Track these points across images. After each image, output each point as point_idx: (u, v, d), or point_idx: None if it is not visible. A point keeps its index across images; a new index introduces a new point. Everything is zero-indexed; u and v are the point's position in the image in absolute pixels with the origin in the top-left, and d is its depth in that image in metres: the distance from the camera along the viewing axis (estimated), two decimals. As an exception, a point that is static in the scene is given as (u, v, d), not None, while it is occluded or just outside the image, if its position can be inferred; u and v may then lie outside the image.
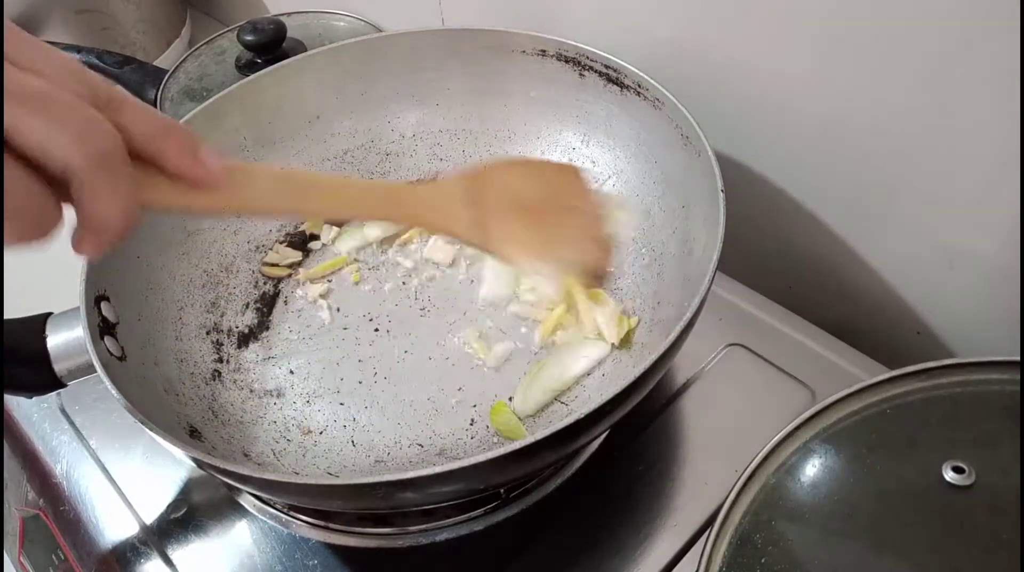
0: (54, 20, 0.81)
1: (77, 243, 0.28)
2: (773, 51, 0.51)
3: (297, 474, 0.48)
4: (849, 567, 0.35)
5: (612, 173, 0.59)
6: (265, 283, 0.59)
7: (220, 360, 0.54)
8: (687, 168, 0.51)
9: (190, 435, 0.47)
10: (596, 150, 0.60)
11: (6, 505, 0.56)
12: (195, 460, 0.38)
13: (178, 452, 0.38)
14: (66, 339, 0.45)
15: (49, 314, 0.46)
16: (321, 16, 0.79)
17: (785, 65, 0.51)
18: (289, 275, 0.60)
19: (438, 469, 0.35)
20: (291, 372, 0.54)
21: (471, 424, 0.50)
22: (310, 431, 0.50)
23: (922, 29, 0.44)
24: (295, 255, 0.61)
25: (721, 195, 0.45)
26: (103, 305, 0.47)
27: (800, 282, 0.61)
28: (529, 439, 0.36)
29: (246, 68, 0.72)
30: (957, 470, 0.35)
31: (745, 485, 0.37)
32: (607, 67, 0.56)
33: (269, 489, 0.41)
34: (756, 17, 0.51)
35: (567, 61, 0.58)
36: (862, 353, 0.52)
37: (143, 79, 0.76)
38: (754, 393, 0.51)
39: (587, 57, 0.56)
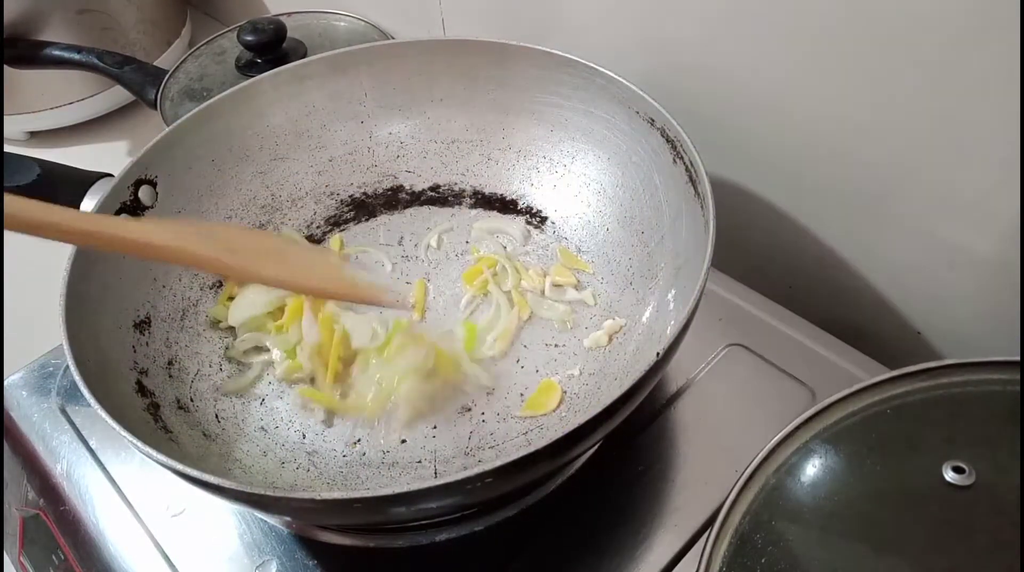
0: (54, 20, 0.81)
1: None
2: (772, 52, 0.51)
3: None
4: (849, 567, 0.35)
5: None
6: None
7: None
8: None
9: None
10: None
11: (6, 505, 0.56)
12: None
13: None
14: None
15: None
16: (321, 16, 0.79)
17: (784, 66, 0.51)
18: None
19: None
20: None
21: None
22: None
23: (921, 30, 0.44)
24: None
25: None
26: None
27: (800, 282, 0.61)
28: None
29: (246, 68, 0.72)
30: (957, 470, 0.35)
31: (745, 485, 0.37)
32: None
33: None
34: (756, 19, 0.51)
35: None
36: (862, 353, 0.52)
37: (143, 79, 0.76)
38: (754, 393, 0.51)
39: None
